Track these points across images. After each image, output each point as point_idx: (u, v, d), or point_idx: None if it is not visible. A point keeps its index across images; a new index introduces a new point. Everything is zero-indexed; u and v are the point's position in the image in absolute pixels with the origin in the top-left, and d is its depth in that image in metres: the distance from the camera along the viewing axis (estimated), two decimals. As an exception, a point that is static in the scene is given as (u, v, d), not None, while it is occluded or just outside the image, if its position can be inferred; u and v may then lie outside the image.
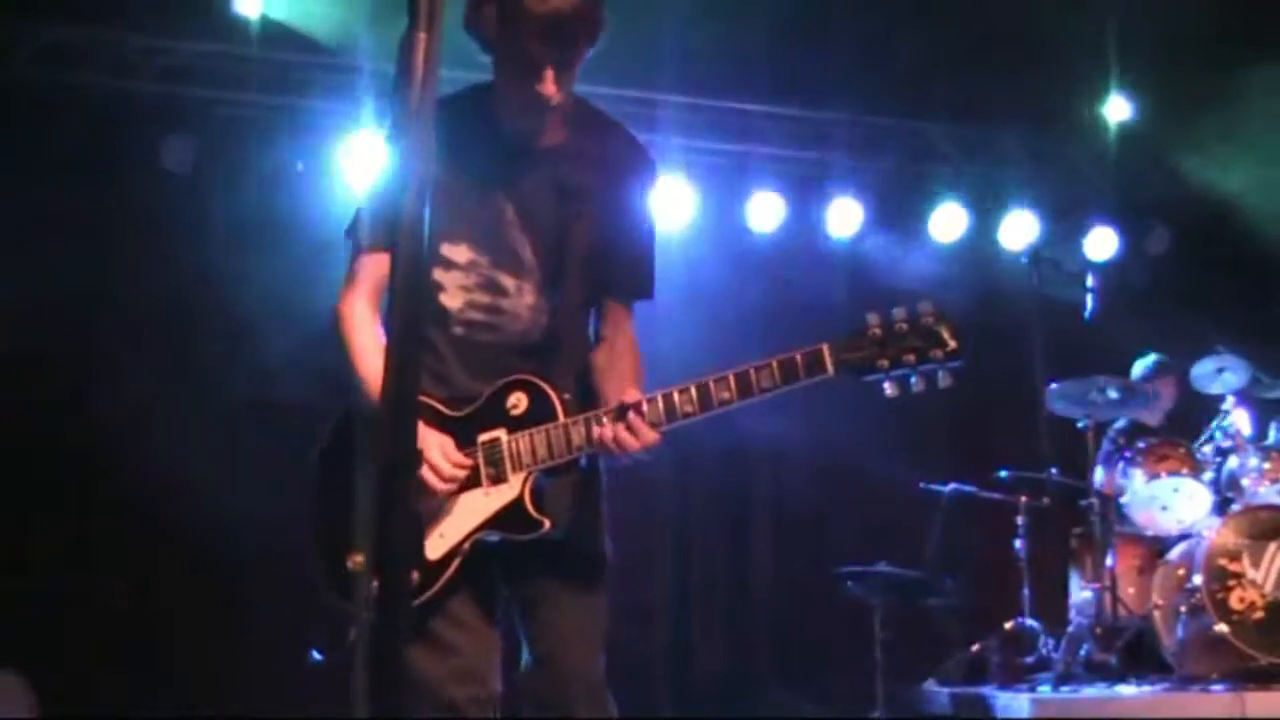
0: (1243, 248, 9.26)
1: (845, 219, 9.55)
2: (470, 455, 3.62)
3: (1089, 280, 8.65)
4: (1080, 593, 8.17)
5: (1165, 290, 9.62)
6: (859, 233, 9.60)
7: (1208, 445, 8.02)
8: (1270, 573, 7.11)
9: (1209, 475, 7.86)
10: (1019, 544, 8.24)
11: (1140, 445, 8.10)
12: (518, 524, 3.61)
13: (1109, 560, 7.77)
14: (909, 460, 8.39)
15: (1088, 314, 8.57)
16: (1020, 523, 8.25)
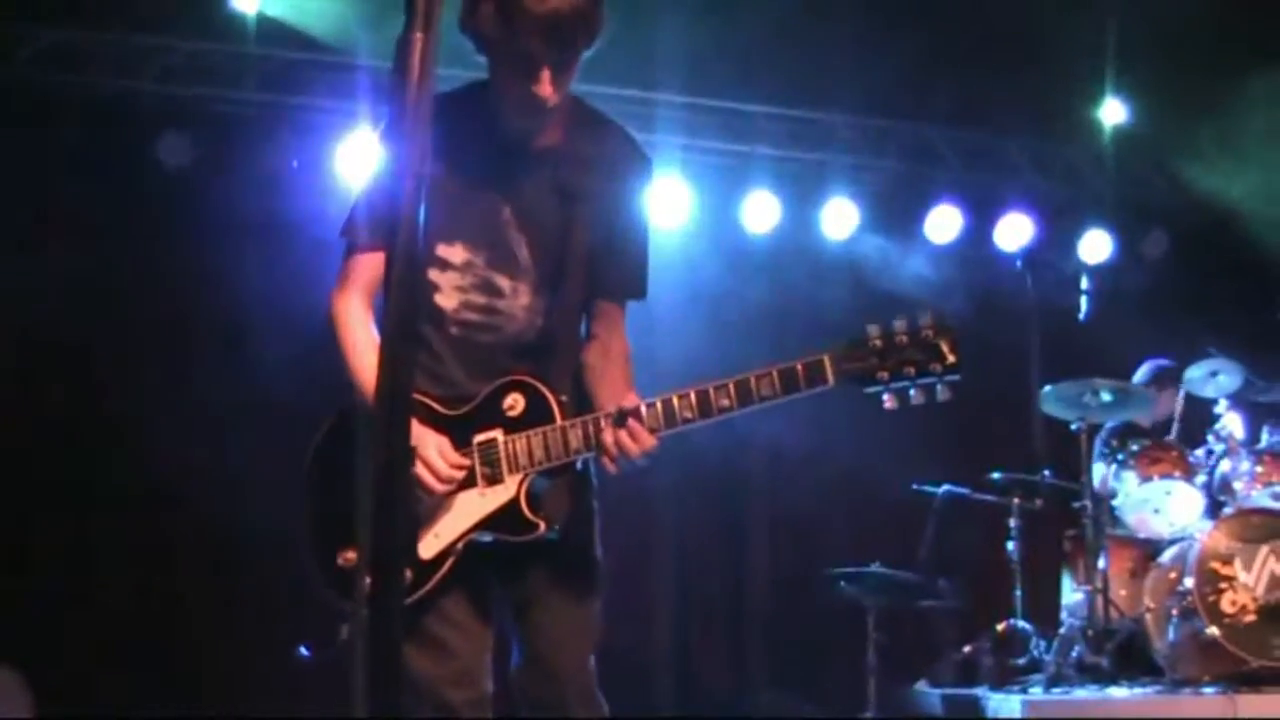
0: (1238, 252, 9.27)
1: (841, 220, 9.56)
2: (466, 455, 3.63)
3: (1084, 283, 8.68)
4: (1072, 595, 8.19)
5: (1160, 293, 9.62)
6: (855, 234, 9.61)
7: (1200, 448, 8.03)
8: (1262, 576, 7.12)
9: (1201, 478, 7.87)
10: (1012, 546, 8.25)
11: (1133, 448, 8.11)
12: (513, 526, 3.62)
13: (1101, 562, 7.78)
14: (902, 462, 8.39)
15: (1082, 316, 8.59)
16: (1013, 525, 8.26)
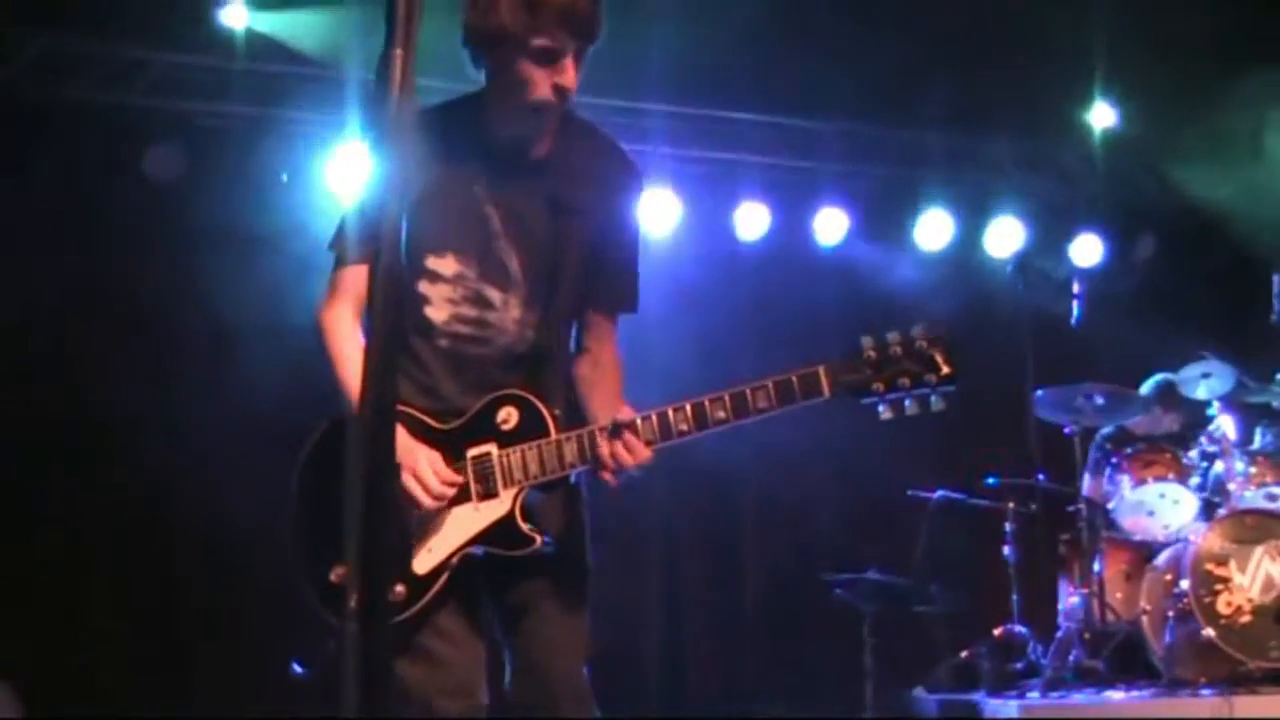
0: (1228, 253, 9.29)
1: (832, 227, 9.57)
2: (459, 470, 3.62)
3: (1075, 287, 8.68)
4: (1068, 598, 8.18)
5: (1151, 296, 9.63)
6: (845, 241, 9.62)
7: (1194, 450, 8.03)
8: (1257, 577, 7.12)
9: (1195, 480, 7.88)
10: (1007, 550, 8.25)
11: (1127, 451, 8.12)
12: (509, 540, 3.61)
13: (1097, 566, 7.79)
14: (897, 467, 8.39)
15: (1074, 320, 8.60)
16: (1008, 529, 8.27)
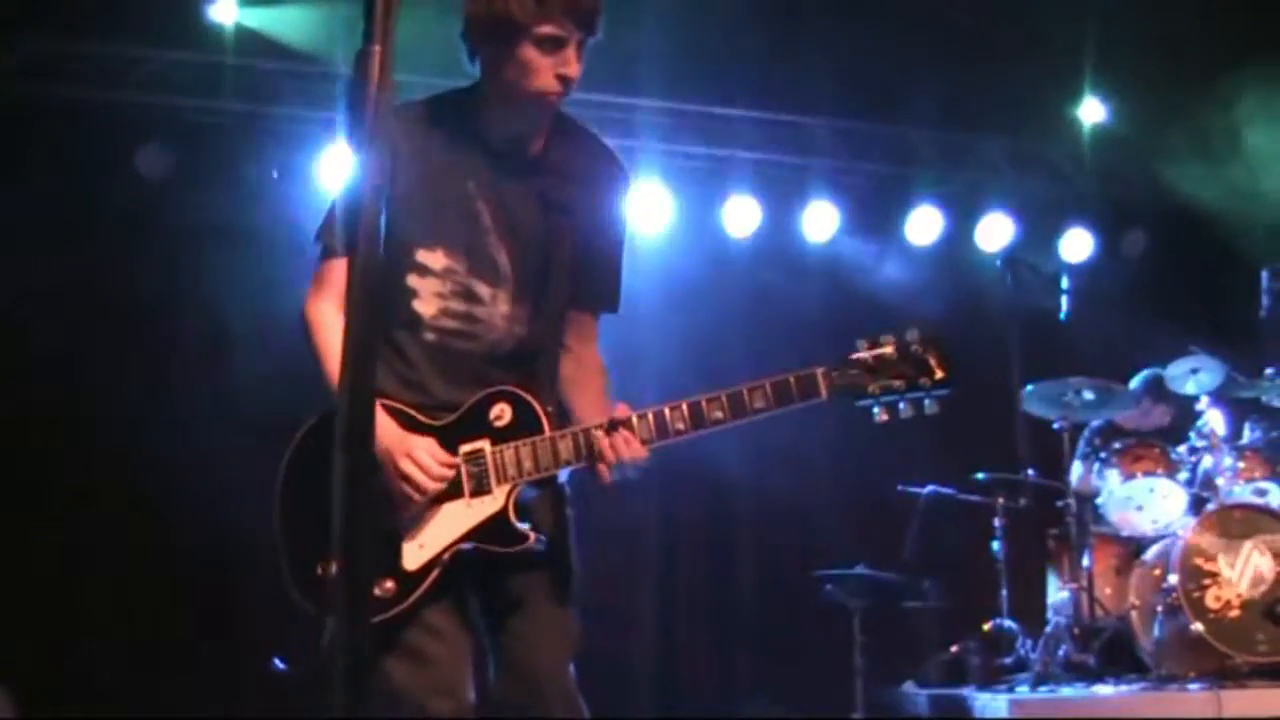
0: (1217, 249, 9.30)
1: (822, 223, 9.59)
2: (453, 465, 3.61)
3: (1064, 282, 8.70)
4: (1058, 593, 8.21)
5: (1140, 292, 9.65)
6: (835, 237, 9.64)
7: (1183, 445, 8.04)
8: (1245, 572, 7.15)
9: (1184, 475, 7.88)
10: (997, 545, 8.26)
11: (1116, 446, 8.13)
12: (502, 537, 3.61)
13: (1086, 561, 7.82)
14: (887, 463, 8.40)
15: (1063, 316, 8.62)
16: (998, 524, 8.27)
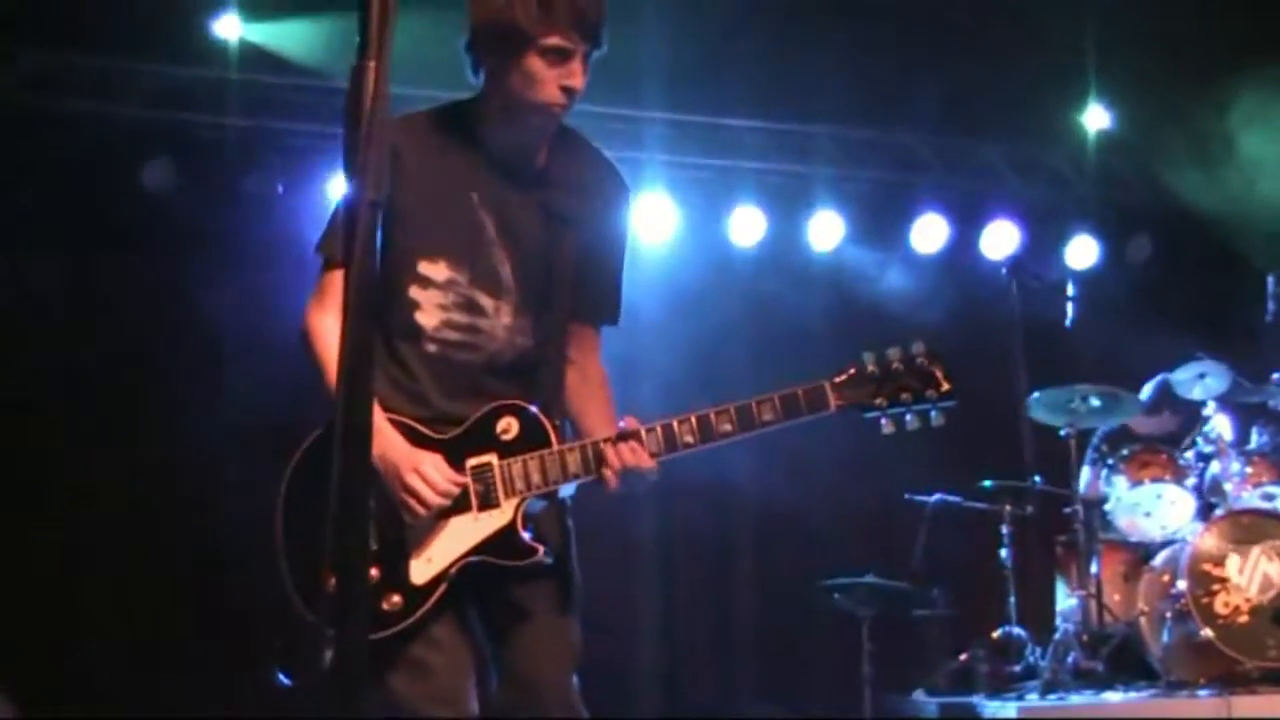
0: (1222, 254, 9.30)
1: (826, 232, 9.59)
2: (461, 477, 3.61)
3: (1069, 289, 8.70)
4: (1066, 600, 8.19)
5: (1146, 297, 9.65)
6: (840, 245, 9.64)
7: (1190, 451, 8.04)
8: (1254, 577, 7.14)
9: (1192, 481, 7.89)
10: (1004, 553, 8.24)
11: (1123, 452, 8.13)
12: (510, 550, 3.61)
13: (1094, 567, 7.82)
14: (893, 472, 8.39)
15: (1068, 322, 8.62)
16: (1005, 532, 8.25)
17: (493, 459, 3.63)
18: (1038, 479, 8.31)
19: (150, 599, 7.98)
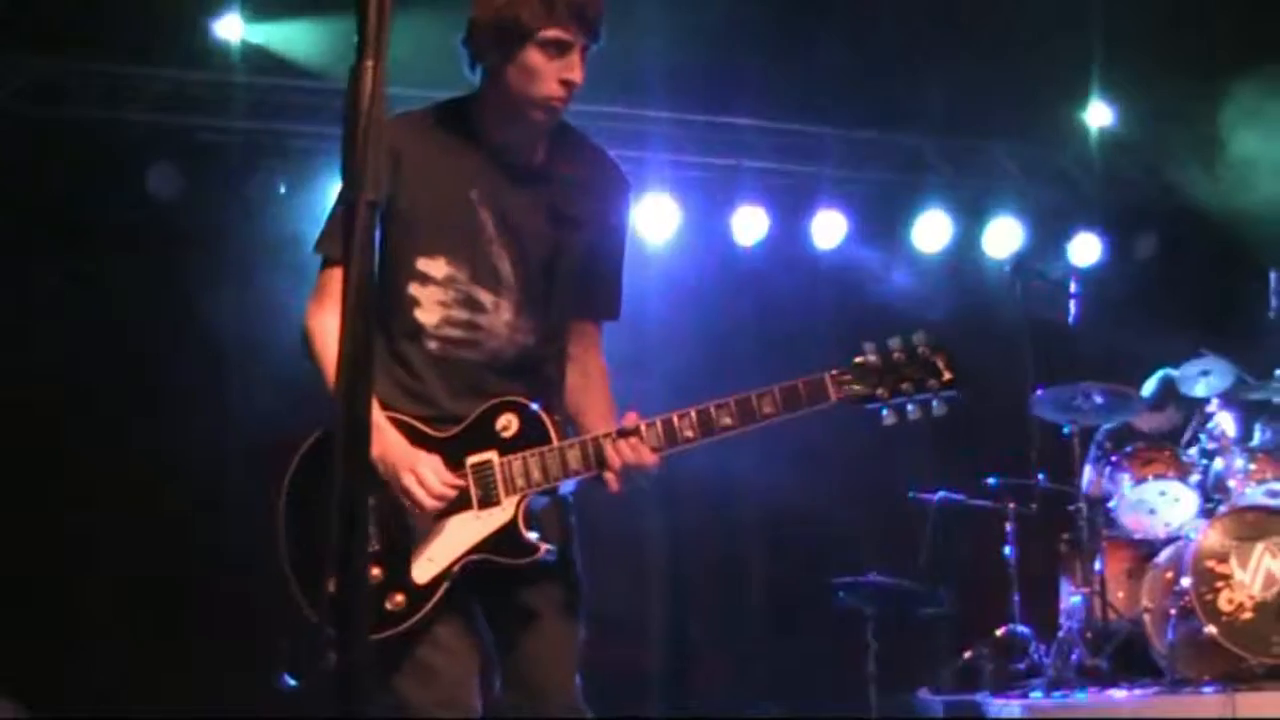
0: (1226, 250, 9.29)
1: (829, 231, 9.59)
2: (460, 477, 3.60)
3: (1072, 286, 8.70)
4: (1070, 598, 8.19)
5: (1150, 295, 9.64)
6: (843, 244, 9.65)
7: (1193, 448, 8.04)
8: (1258, 573, 7.14)
9: (1195, 478, 7.88)
10: (1008, 551, 8.25)
11: (1127, 450, 8.13)
12: (511, 548, 3.60)
13: (1098, 565, 7.81)
14: (897, 470, 8.41)
15: (1072, 320, 8.61)
16: (1009, 529, 8.26)
17: (493, 456, 3.62)
18: (1042, 477, 8.33)
19: (150, 598, 7.99)
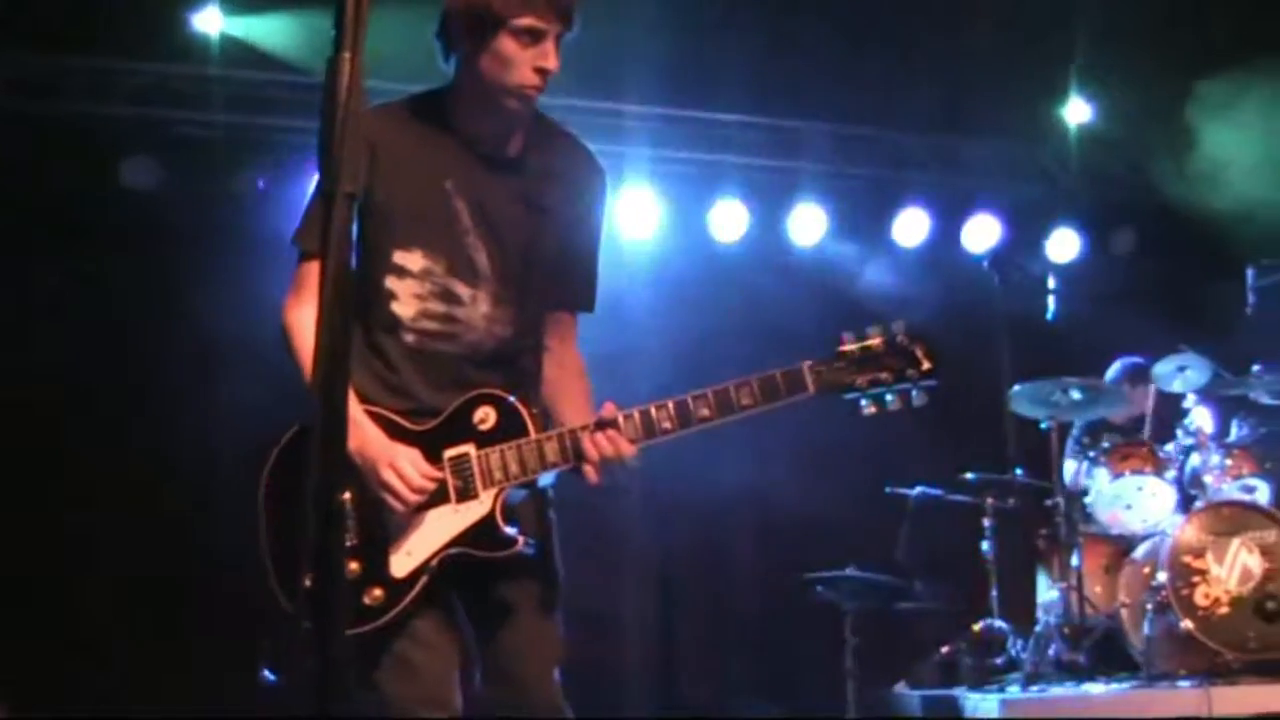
0: (1204, 247, 9.32)
1: (809, 226, 9.61)
2: (438, 470, 3.60)
3: (1051, 282, 8.72)
4: (1048, 593, 8.21)
5: (1128, 291, 9.66)
6: (823, 240, 9.66)
7: (1170, 443, 8.06)
8: (1234, 569, 7.17)
9: (1172, 473, 7.90)
10: (986, 546, 8.27)
11: (1104, 445, 8.15)
12: (490, 541, 3.59)
13: (1075, 560, 7.83)
14: (876, 464, 8.42)
15: (1050, 316, 8.64)
16: (987, 524, 8.29)
17: (470, 449, 3.62)
18: (1020, 472, 8.35)
19: (150, 599, 7.97)
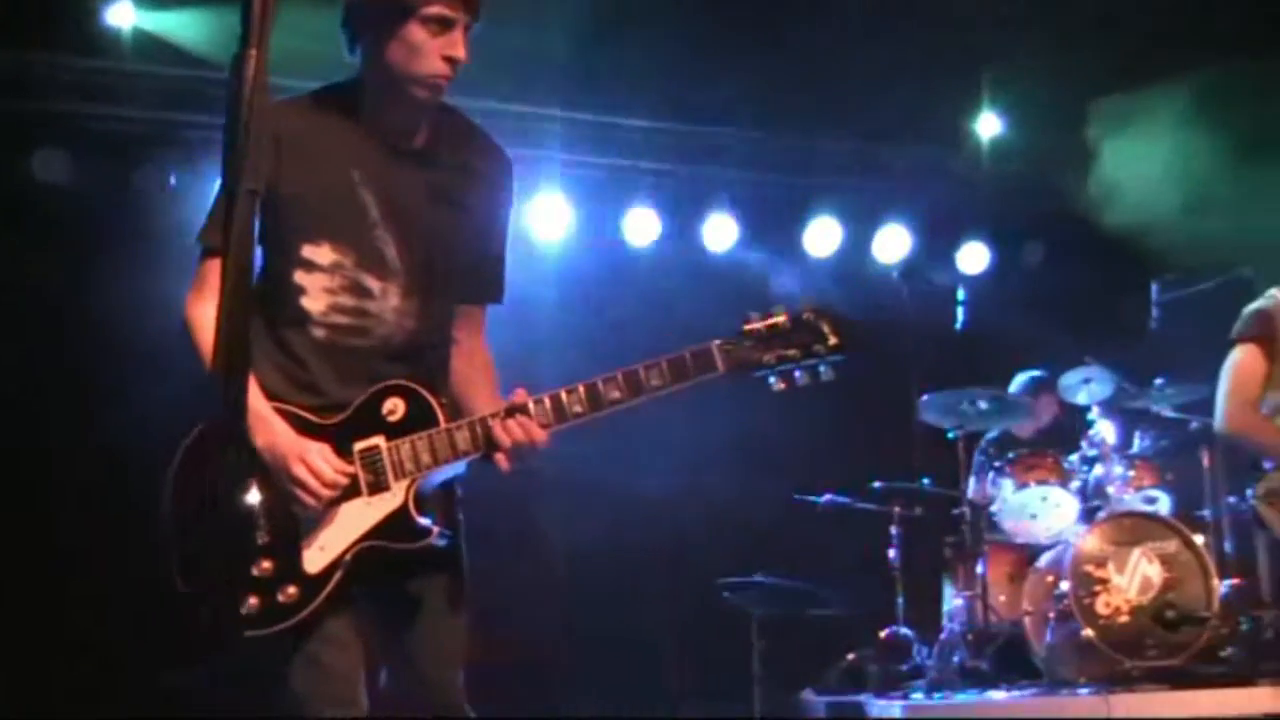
0: (1111, 261, 9.43)
1: (721, 233, 9.65)
2: (349, 464, 3.56)
3: (960, 294, 8.80)
4: (953, 601, 8.29)
5: (1035, 303, 9.76)
6: (735, 247, 9.70)
7: (1075, 454, 8.15)
8: (1134, 578, 7.26)
9: (1076, 484, 8.00)
10: (893, 553, 8.34)
11: (1010, 455, 8.23)
12: (403, 533, 3.56)
13: (980, 568, 7.91)
14: (784, 472, 8.46)
15: (959, 326, 8.72)
16: (894, 532, 8.36)
17: (380, 441, 3.59)
18: (926, 481, 8.43)
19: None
